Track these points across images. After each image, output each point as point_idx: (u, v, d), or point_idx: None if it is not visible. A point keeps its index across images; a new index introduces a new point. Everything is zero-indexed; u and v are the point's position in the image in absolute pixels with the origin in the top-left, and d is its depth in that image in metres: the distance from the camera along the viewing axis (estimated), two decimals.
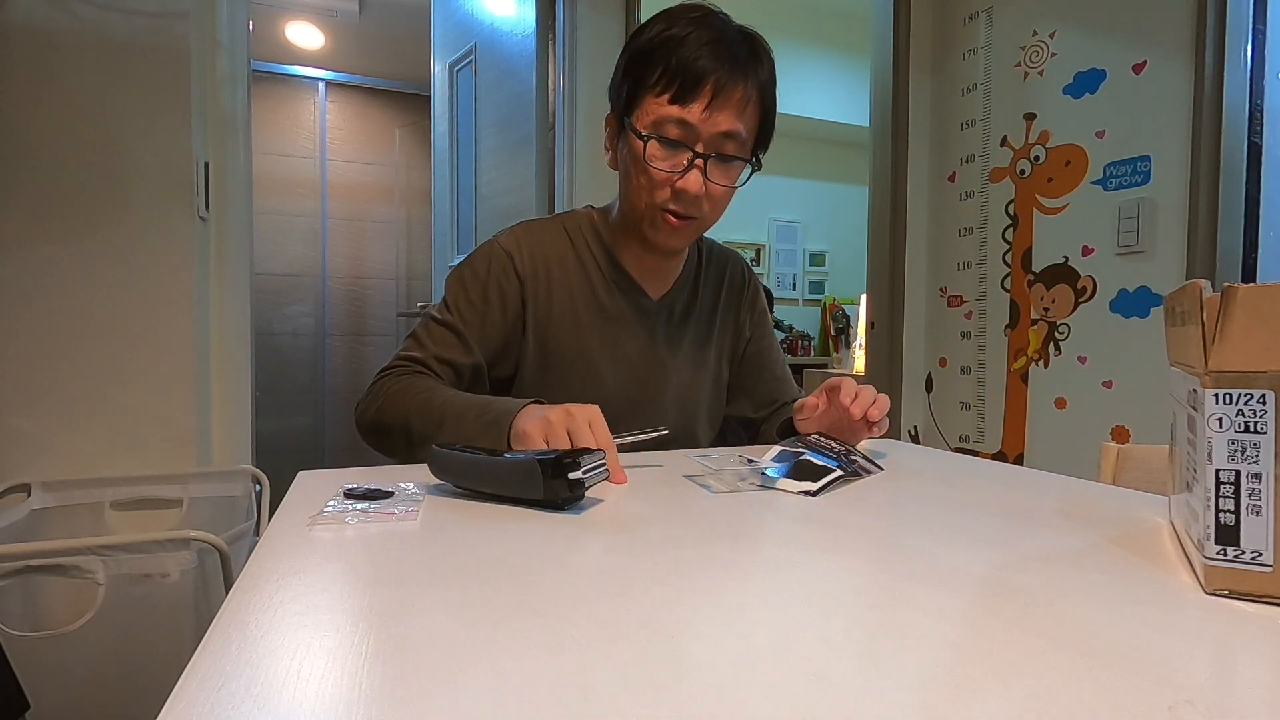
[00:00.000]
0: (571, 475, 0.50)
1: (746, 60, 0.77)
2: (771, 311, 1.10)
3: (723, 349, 0.99)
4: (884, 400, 0.75)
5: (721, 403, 1.01)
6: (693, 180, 0.77)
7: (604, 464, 0.54)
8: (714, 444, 0.99)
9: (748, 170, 0.83)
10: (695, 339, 0.95)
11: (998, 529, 0.47)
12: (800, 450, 0.68)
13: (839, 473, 0.62)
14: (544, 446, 0.61)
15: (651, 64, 0.76)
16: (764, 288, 1.09)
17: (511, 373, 0.89)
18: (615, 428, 0.67)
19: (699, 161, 0.77)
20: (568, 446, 0.61)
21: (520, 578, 0.36)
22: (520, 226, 0.89)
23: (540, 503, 0.51)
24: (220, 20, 1.58)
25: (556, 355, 0.87)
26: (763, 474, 0.61)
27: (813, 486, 0.58)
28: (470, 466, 0.55)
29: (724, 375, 1.00)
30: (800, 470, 0.62)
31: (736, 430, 1.07)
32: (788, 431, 0.84)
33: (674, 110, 0.76)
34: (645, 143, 0.77)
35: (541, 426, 0.63)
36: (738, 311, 1.01)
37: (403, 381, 0.79)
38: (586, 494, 0.53)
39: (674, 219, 0.80)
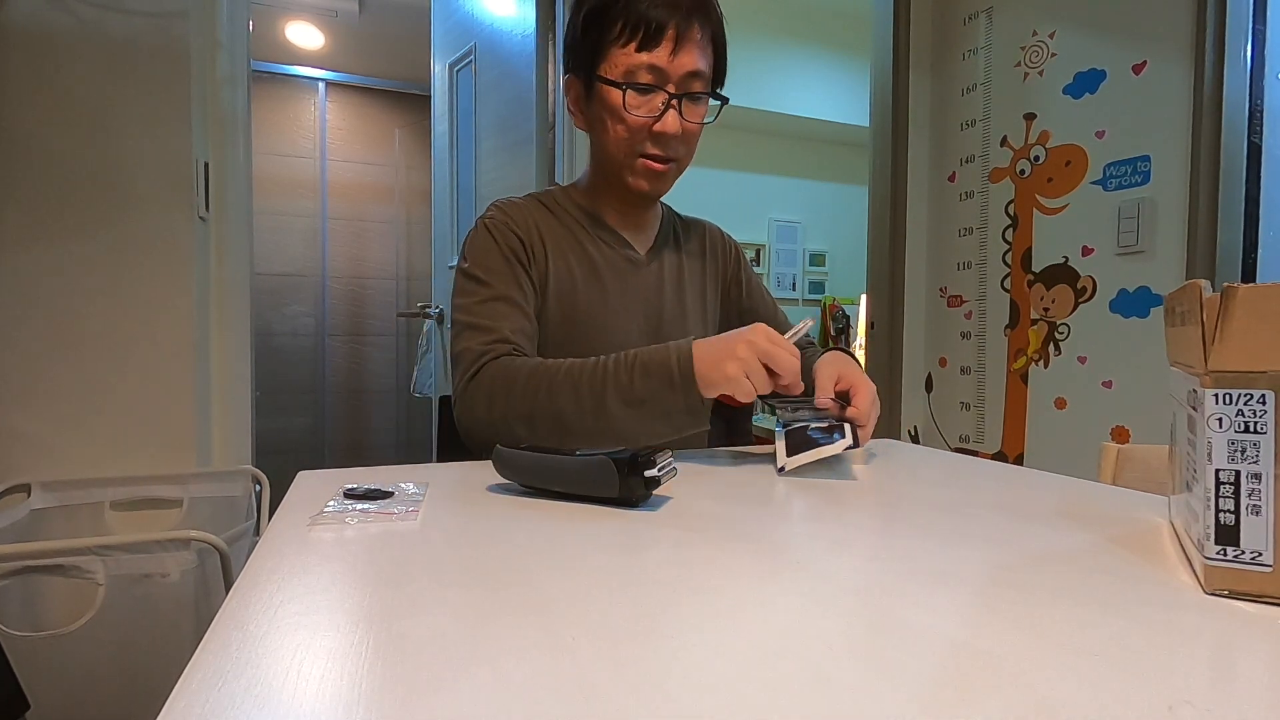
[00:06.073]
0: (648, 473, 0.50)
1: (696, 5, 0.82)
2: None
3: (717, 304, 1.03)
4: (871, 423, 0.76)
5: None
6: (670, 121, 0.82)
7: (673, 463, 0.55)
8: None
9: (715, 106, 0.87)
10: (695, 291, 0.98)
11: (998, 529, 0.47)
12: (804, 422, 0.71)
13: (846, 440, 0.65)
14: (747, 384, 0.65)
15: (610, 19, 0.81)
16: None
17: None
18: None
19: (674, 102, 0.81)
20: (767, 380, 0.66)
21: (520, 577, 0.36)
22: (494, 205, 0.91)
23: (612, 500, 0.51)
24: (220, 20, 1.58)
25: (572, 311, 0.87)
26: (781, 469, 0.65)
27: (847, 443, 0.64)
28: (539, 465, 0.54)
29: (717, 329, 1.02)
30: (799, 440, 0.66)
31: None
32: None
33: (643, 58, 0.80)
34: (624, 92, 0.81)
35: (739, 367, 0.65)
36: (724, 266, 1.04)
37: (509, 367, 0.74)
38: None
39: (655, 164, 0.84)
